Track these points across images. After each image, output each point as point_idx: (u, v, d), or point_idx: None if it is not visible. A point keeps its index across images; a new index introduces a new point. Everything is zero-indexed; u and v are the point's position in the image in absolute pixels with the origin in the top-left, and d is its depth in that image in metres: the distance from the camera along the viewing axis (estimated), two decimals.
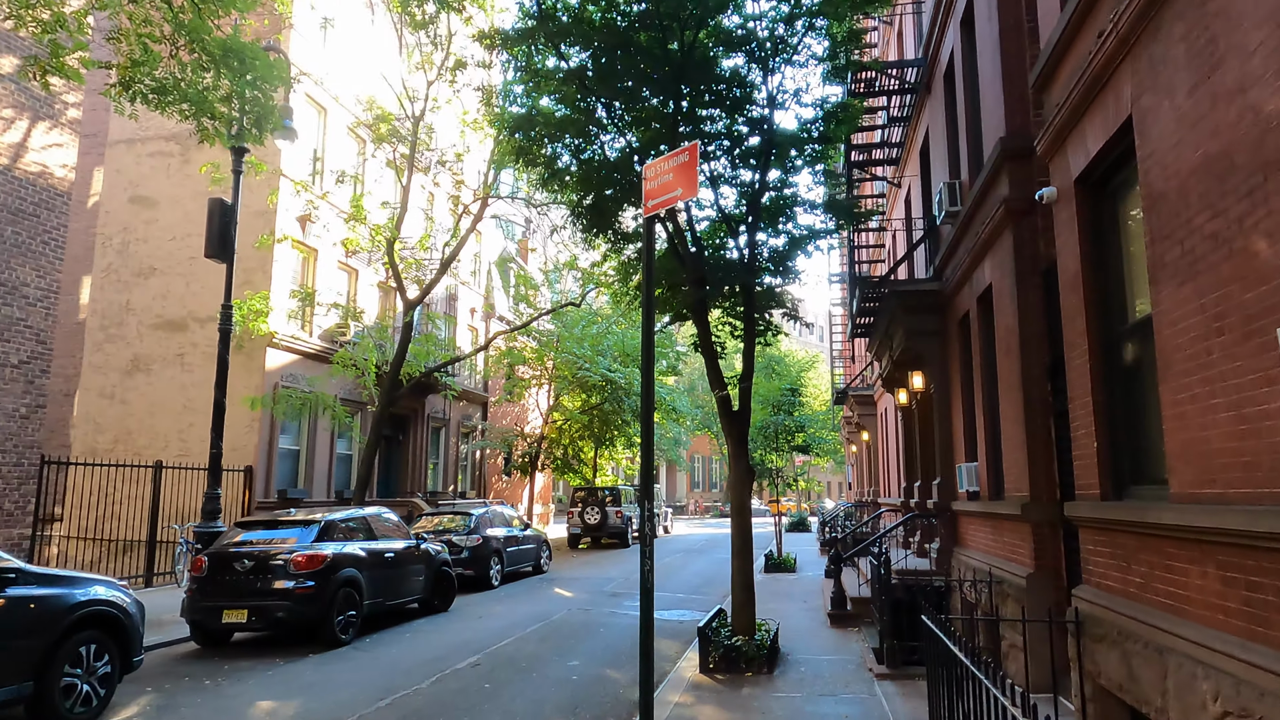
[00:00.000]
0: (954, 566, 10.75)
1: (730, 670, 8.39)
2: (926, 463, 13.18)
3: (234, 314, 15.96)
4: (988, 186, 8.50)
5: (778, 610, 12.32)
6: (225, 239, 12.70)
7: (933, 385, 11.71)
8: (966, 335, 10.30)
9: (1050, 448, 7.42)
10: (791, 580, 16.80)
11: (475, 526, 15.67)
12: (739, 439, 9.30)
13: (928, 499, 12.30)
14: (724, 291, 10.99)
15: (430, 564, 12.53)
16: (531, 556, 17.94)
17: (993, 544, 8.93)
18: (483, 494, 29.49)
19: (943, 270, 11.50)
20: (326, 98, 20.03)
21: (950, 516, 11.09)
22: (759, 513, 54.40)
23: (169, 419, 18.15)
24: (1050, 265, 7.59)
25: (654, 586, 5.54)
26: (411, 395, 23.60)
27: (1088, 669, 5.52)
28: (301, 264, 19.72)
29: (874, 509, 23.15)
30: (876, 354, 15.41)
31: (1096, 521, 5.51)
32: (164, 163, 19.43)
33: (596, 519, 25.93)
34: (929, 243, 12.53)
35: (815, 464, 47.94)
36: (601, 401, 27.04)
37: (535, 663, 9.18)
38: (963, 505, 10.37)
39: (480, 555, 15.39)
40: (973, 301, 9.66)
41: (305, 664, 9.06)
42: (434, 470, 26.43)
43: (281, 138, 12.86)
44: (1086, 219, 5.86)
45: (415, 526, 16.00)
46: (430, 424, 25.41)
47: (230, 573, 9.80)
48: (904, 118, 14.24)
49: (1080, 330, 5.84)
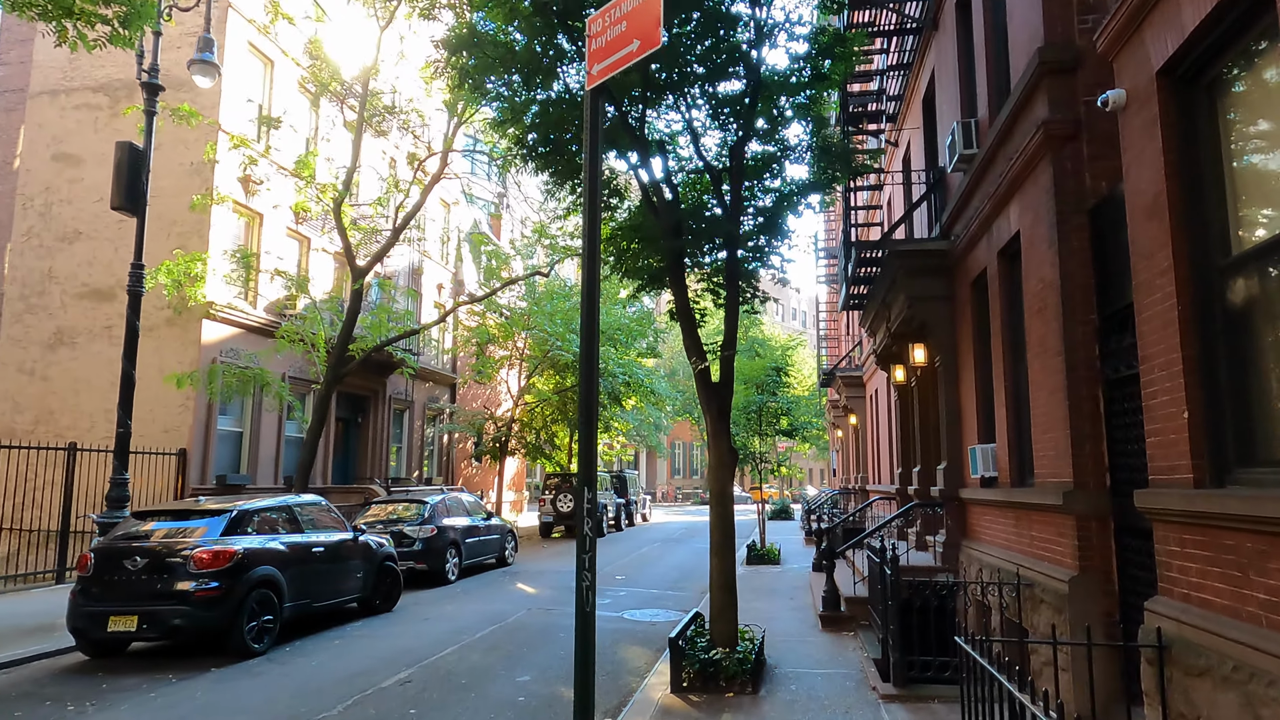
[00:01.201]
0: (962, 563, 9.46)
1: (708, 689, 7.04)
2: (928, 446, 11.88)
3: (164, 278, 14.47)
4: (1018, 113, 7.12)
5: (762, 610, 10.99)
6: (135, 188, 11.12)
7: (938, 358, 10.38)
8: (983, 298, 8.96)
9: (1100, 424, 6.08)
10: (776, 574, 15.51)
11: (430, 516, 14.22)
12: (719, 414, 7.90)
13: (930, 486, 11.00)
14: (704, 248, 9.58)
15: (371, 559, 11.08)
16: (494, 548, 16.52)
17: (1016, 539, 7.61)
18: (451, 481, 28.00)
19: (951, 228, 10.15)
20: (274, 50, 18.33)
21: (958, 506, 9.79)
22: (740, 500, 53.39)
23: (95, 397, 16.50)
24: (1099, 201, 6.25)
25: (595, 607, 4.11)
26: (371, 374, 22.07)
27: (1178, 710, 4.19)
28: (245, 229, 18.06)
29: (863, 497, 21.93)
30: (871, 327, 14.07)
31: (1191, 516, 4.17)
32: (90, 116, 17.66)
33: (570, 506, 24.54)
34: (934, 198, 11.15)
35: (797, 450, 46.88)
36: (576, 382, 25.56)
37: (478, 678, 7.77)
38: (974, 493, 9.07)
39: (434, 547, 13.95)
40: (992, 257, 8.30)
41: (201, 681, 7.59)
42: (397, 455, 24.91)
43: (200, 74, 11.27)
44: (1174, 123, 4.49)
45: (365, 516, 14.54)
46: (392, 406, 23.86)
47: (120, 572, 8.29)
48: (904, 65, 12.84)
49: (1163, 268, 4.48)
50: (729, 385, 8.14)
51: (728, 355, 8.00)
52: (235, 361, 16.63)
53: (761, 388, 18.25)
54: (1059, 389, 6.33)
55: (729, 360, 8.11)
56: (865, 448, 22.00)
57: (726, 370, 8.11)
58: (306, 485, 14.16)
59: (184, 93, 16.66)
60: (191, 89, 16.63)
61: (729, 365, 8.06)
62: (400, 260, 23.70)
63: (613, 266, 10.21)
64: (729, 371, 8.11)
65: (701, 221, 8.96)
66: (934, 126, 11.64)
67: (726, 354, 7.99)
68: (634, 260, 9.61)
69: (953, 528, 9.83)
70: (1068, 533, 6.18)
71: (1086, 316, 6.20)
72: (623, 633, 10.16)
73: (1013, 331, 7.92)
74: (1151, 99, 4.60)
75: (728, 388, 8.13)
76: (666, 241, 8.33)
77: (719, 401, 7.93)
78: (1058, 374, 6.36)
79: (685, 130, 9.36)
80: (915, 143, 13.09)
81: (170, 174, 16.79)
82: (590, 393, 4.08)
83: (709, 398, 7.94)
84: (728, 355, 8.00)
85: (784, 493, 52.39)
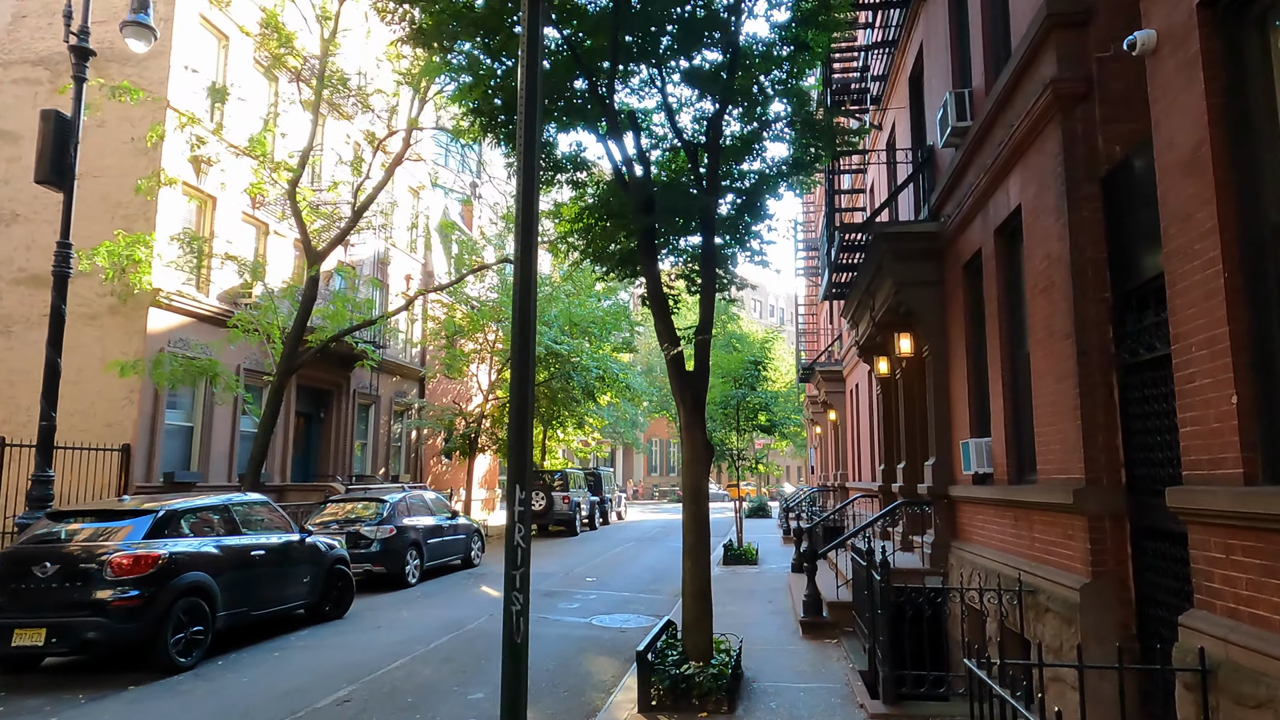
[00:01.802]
0: (952, 564, 8.87)
1: (679, 708, 6.36)
2: (914, 441, 11.30)
3: (103, 261, 13.56)
4: (1021, 75, 6.50)
5: (739, 616, 10.35)
6: (62, 162, 10.27)
7: (926, 347, 9.78)
8: (976, 281, 8.36)
9: (1114, 413, 5.47)
10: (754, 575, 14.89)
11: (389, 515, 13.43)
12: (694, 405, 7.23)
13: (917, 483, 10.41)
14: (678, 229, 8.90)
15: (320, 562, 10.29)
16: (460, 549, 15.74)
17: (1014, 541, 7.01)
18: (420, 478, 27.12)
19: (941, 208, 9.56)
20: (228, 24, 17.38)
21: (947, 504, 9.20)
22: (717, 497, 52.91)
23: (32, 389, 15.39)
24: (1113, 169, 5.64)
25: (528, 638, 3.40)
26: (334, 367, 21.18)
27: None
28: (196, 213, 17.11)
29: (843, 495, 21.40)
30: (853, 317, 13.47)
31: (1243, 518, 3.56)
32: (30, 91, 16.61)
33: (541, 505, 23.80)
34: (923, 178, 10.56)
35: (774, 448, 46.34)
36: (549, 378, 24.80)
37: (426, 696, 7.04)
38: (966, 491, 8.48)
39: (393, 549, 13.16)
40: (988, 236, 7.69)
41: (113, 703, 6.80)
42: (362, 452, 24.01)
43: (134, 37, 10.40)
44: (1218, 62, 3.87)
45: (320, 516, 13.71)
46: (356, 400, 22.95)
47: (28, 579, 7.45)
48: (890, 41, 12.23)
49: (1205, 230, 3.86)
50: (704, 374, 7.47)
51: (703, 340, 7.32)
52: (185, 352, 15.70)
53: (739, 382, 17.62)
54: (1068, 375, 5.72)
55: (704, 346, 7.44)
56: (845, 444, 21.46)
57: (701, 357, 7.44)
58: (258, 483, 13.31)
59: (130, 67, 15.71)
60: (139, 63, 15.69)
61: (704, 351, 7.39)
62: (365, 250, 22.79)
63: (582, 251, 9.51)
64: (704, 358, 7.43)
65: (676, 200, 8.28)
66: (921, 105, 11.04)
67: (702, 338, 7.32)
68: (604, 241, 8.92)
69: (941, 528, 9.23)
70: (1078, 534, 5.57)
71: (1100, 295, 5.59)
72: (590, 641, 9.46)
73: (1012, 315, 7.32)
74: (1190, 36, 3.98)
75: (703, 376, 7.46)
76: (637, 218, 7.65)
77: (693, 391, 7.26)
78: (1067, 359, 5.74)
79: (660, 108, 8.70)
80: (901, 124, 12.50)
81: (116, 153, 15.83)
82: (524, 372, 3.39)
83: (683, 387, 7.27)
84: (703, 340, 7.32)
85: (761, 490, 51.99)
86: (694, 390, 7.28)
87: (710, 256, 7.73)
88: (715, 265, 7.82)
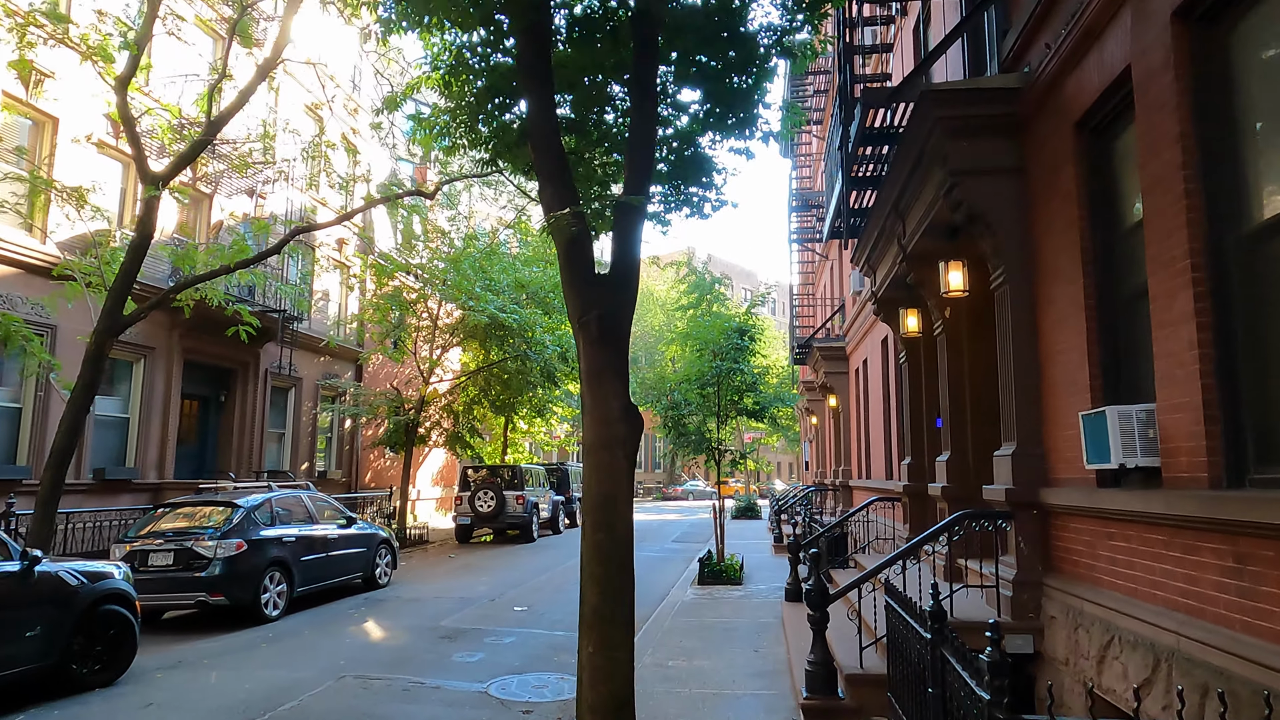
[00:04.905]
0: (1053, 619, 5.44)
1: None
2: (963, 423, 7.86)
3: None
4: None
5: (707, 680, 6.89)
6: None
7: (1000, 273, 6.31)
8: (1106, 140, 4.92)
9: None
10: (736, 601, 11.40)
11: (238, 525, 9.86)
12: (604, 332, 3.75)
13: (979, 484, 6.93)
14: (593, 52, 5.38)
15: (70, 605, 6.75)
16: (357, 565, 12.19)
17: (1220, 596, 3.57)
18: (354, 475, 23.55)
19: (1024, 53, 6.12)
20: None
21: (1039, 518, 5.76)
22: (704, 495, 49.28)
23: None
24: None
25: None
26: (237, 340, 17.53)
27: None
28: (32, 137, 13.50)
29: (845, 494, 17.95)
30: (872, 257, 9.95)
31: None
32: None
33: (490, 506, 20.28)
34: (989, 17, 6.98)
35: (765, 443, 42.82)
36: (502, 357, 21.25)
37: None
38: (1082, 497, 5.05)
39: (240, 571, 9.61)
40: (1153, 35, 4.23)
41: None
42: (280, 443, 20.40)
43: None
44: None
45: (147, 528, 10.13)
46: (270, 382, 19.32)
47: None
48: None
49: None
50: (627, 280, 3.98)
51: (628, 203, 3.83)
52: (12, 310, 12.07)
53: (721, 354, 14.12)
54: None
55: (629, 229, 3.94)
56: (849, 434, 18.01)
57: (624, 244, 3.96)
58: (62, 480, 9.77)
59: None
60: None
61: (628, 230, 3.92)
62: (279, 201, 19.13)
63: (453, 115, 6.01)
64: (628, 246, 3.95)
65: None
66: None
67: (627, 198, 3.83)
68: (476, 79, 5.38)
69: (1028, 555, 5.78)
70: None
71: None
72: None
73: (1218, 168, 3.86)
74: None
75: (625, 284, 3.97)
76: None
77: (607, 303, 3.78)
78: None
79: None
80: None
81: None
82: None
83: (585, 297, 3.83)
84: (628, 203, 3.83)
85: (751, 488, 48.64)
86: (609, 305, 3.80)
87: (649, 54, 4.22)
88: (655, 67, 4.31)
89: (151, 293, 12.95)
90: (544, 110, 4.27)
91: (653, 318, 48.15)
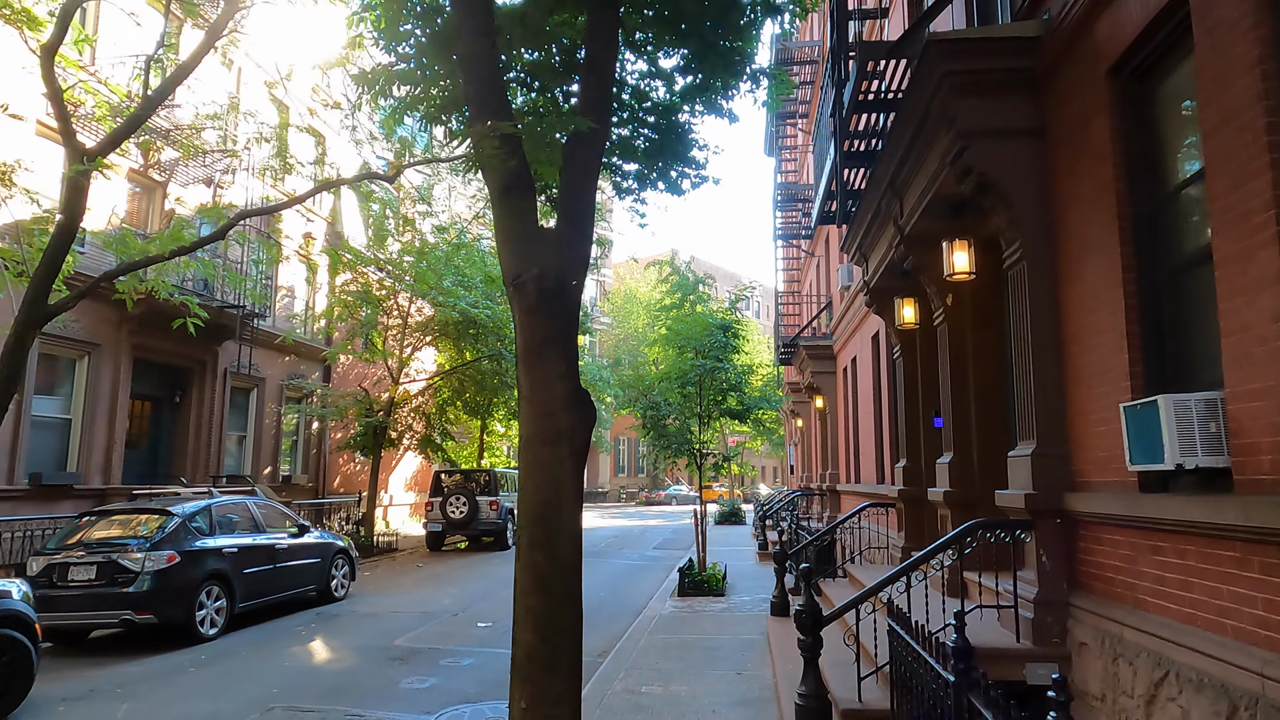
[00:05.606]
0: (1084, 646, 4.68)
1: None
2: (967, 420, 7.12)
3: None
4: None
5: (684, 713, 6.06)
6: None
7: (1015, 249, 5.56)
8: (1146, 85, 4.19)
9: None
10: (718, 615, 10.60)
11: (170, 536, 8.96)
12: (545, 296, 2.93)
13: (990, 488, 6.17)
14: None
15: None
16: (310, 578, 11.30)
17: None
18: (322, 479, 22.58)
19: (1041, 1, 5.39)
20: None
21: (1064, 528, 5.01)
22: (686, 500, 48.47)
23: None
24: None
25: None
26: (193, 339, 16.57)
27: None
28: None
29: (832, 498, 17.22)
30: (865, 242, 9.20)
31: None
32: None
33: (462, 512, 19.41)
34: None
35: (750, 447, 42.07)
36: (476, 357, 20.40)
37: None
38: (1117, 505, 4.31)
39: (172, 586, 8.71)
40: None
41: None
42: (241, 447, 19.42)
43: None
44: None
45: (70, 538, 9.20)
46: (229, 382, 18.35)
47: None
48: None
49: None
50: (580, 227, 3.18)
51: (582, 127, 3.03)
52: None
53: (703, 352, 13.34)
54: None
55: (584, 151, 3.15)
56: (836, 436, 17.28)
57: (575, 188, 3.16)
58: None
59: None
60: None
61: (581, 169, 3.13)
62: (239, 192, 18.19)
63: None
64: (579, 190, 3.15)
65: None
66: None
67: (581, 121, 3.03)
68: None
69: (1051, 571, 5.02)
70: None
71: None
72: None
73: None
74: None
75: (576, 233, 3.17)
76: None
77: (550, 261, 2.97)
78: None
79: None
80: None
81: None
82: None
83: (519, 249, 2.99)
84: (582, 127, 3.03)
85: (735, 493, 47.93)
86: (553, 264, 2.99)
87: None
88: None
89: None
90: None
91: (636, 319, 47.38)
